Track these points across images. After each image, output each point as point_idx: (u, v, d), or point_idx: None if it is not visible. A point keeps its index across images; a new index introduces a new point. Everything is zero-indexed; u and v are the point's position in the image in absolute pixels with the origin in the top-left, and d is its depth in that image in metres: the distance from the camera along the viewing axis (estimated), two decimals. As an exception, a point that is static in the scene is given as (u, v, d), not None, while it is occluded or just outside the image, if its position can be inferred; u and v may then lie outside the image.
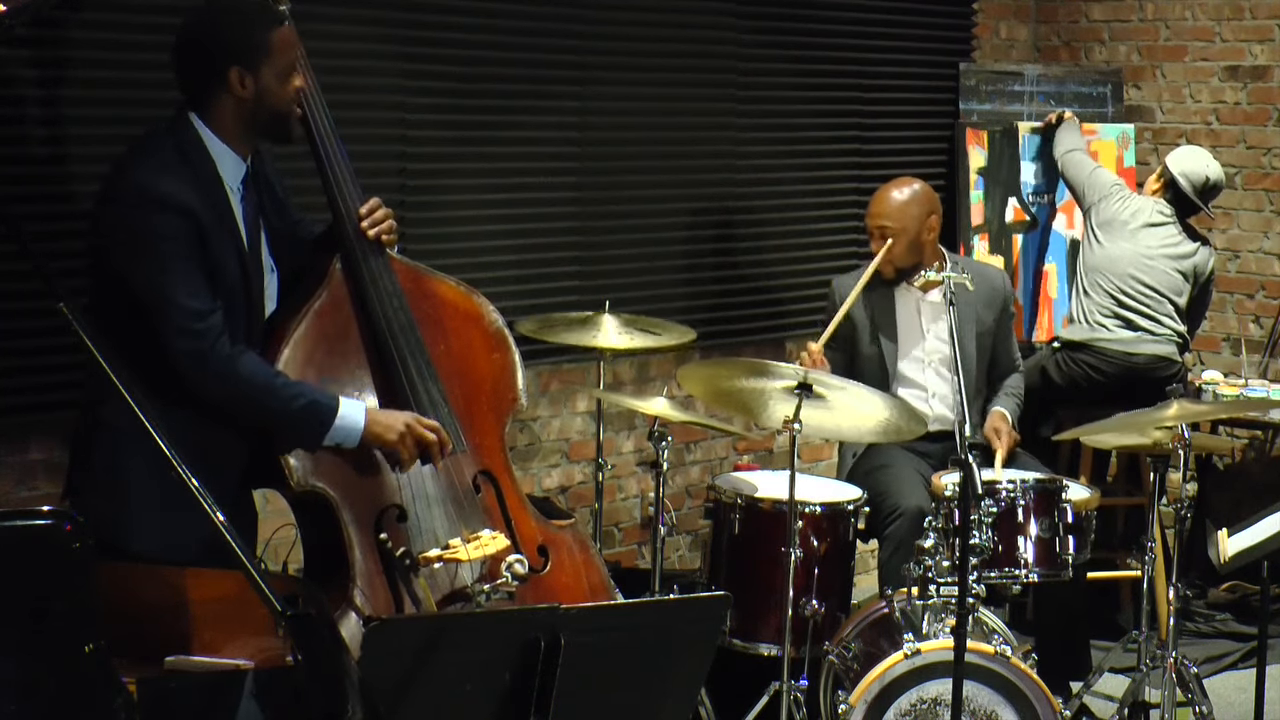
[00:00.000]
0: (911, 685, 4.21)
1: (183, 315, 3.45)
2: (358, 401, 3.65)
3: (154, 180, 3.45)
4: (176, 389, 3.49)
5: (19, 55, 4.21)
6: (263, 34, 3.55)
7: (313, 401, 3.57)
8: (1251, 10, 6.77)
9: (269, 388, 3.53)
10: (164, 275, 3.44)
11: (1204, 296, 6.20)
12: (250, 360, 3.54)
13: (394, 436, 3.63)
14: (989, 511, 4.37)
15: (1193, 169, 6.12)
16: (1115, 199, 6.15)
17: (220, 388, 3.50)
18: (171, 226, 3.44)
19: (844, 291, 5.21)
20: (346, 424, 3.59)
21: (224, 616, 2.97)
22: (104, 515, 3.43)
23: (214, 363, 3.47)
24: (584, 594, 3.90)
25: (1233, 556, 4.37)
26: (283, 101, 3.60)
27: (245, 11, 3.59)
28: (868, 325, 5.23)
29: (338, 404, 3.59)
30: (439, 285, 3.92)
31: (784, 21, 6.13)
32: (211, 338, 3.47)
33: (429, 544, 3.66)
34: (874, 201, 5.26)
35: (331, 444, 3.59)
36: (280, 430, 3.59)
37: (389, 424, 3.63)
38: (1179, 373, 6.04)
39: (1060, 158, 6.45)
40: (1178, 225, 6.11)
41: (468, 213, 5.26)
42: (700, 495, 5.78)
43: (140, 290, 3.47)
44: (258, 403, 3.53)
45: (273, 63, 3.56)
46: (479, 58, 5.27)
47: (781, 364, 4.47)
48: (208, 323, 3.47)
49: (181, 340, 3.46)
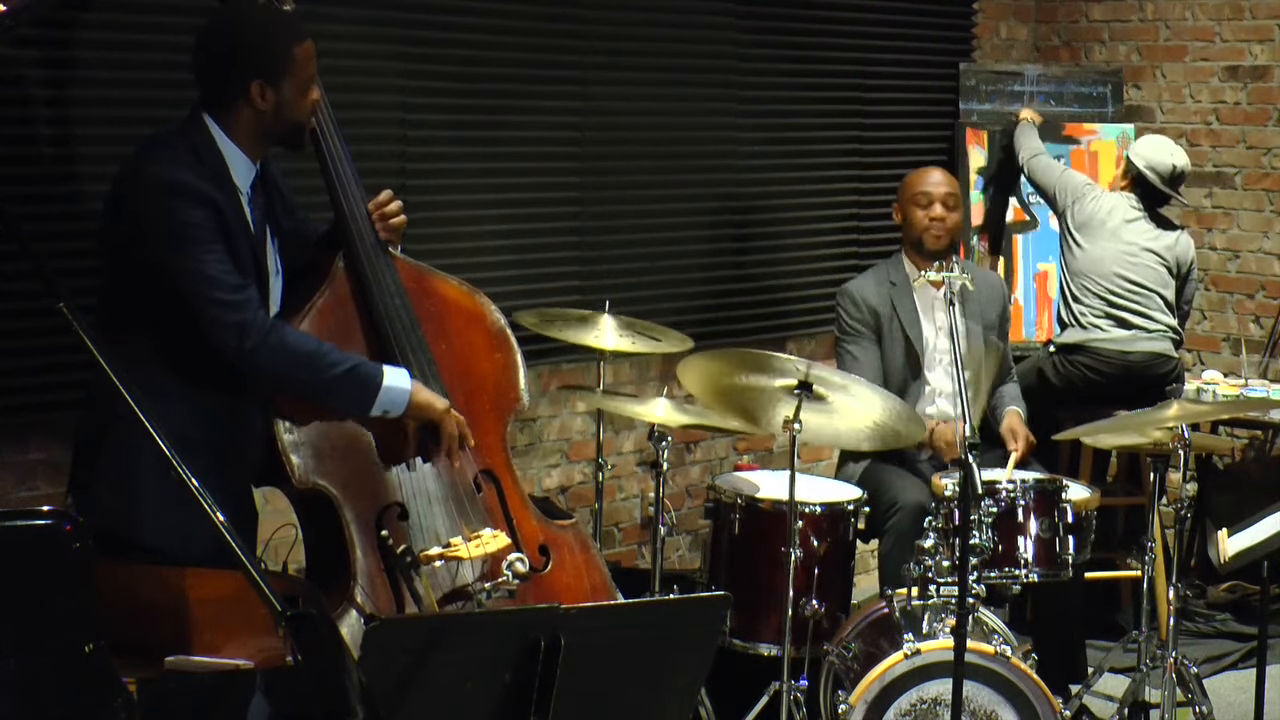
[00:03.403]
0: (911, 685, 4.21)
1: (221, 288, 3.46)
2: (401, 370, 3.66)
3: (173, 171, 3.47)
4: (204, 378, 3.51)
5: (20, 55, 4.21)
6: (286, 49, 3.56)
7: (358, 365, 3.59)
8: (1251, 10, 6.77)
9: (315, 353, 3.55)
10: (196, 255, 3.45)
11: (1185, 287, 6.15)
12: (290, 329, 3.57)
13: (442, 406, 3.67)
14: (989, 511, 4.37)
15: (1158, 159, 6.07)
16: (1089, 199, 6.11)
17: (266, 357, 3.50)
18: (197, 213, 3.46)
19: (864, 294, 5.21)
20: (394, 387, 3.61)
21: (224, 616, 2.97)
22: (114, 510, 3.45)
23: (257, 332, 3.48)
24: (585, 594, 3.90)
25: (1233, 556, 4.37)
26: (300, 114, 3.61)
27: (271, 26, 3.60)
28: (893, 320, 5.22)
29: (382, 370, 3.61)
30: (442, 284, 3.92)
31: (784, 21, 6.13)
32: (250, 309, 3.49)
33: (430, 542, 3.67)
34: (922, 175, 5.29)
35: (379, 411, 3.61)
36: (327, 399, 3.60)
37: (434, 398, 3.68)
38: (1176, 369, 6.04)
39: (1025, 163, 6.38)
40: (1147, 218, 6.09)
41: (468, 212, 5.26)
42: (700, 495, 5.78)
43: (175, 274, 3.47)
44: (303, 370, 3.54)
45: (293, 77, 3.57)
46: (479, 57, 5.27)
47: (781, 356, 4.45)
48: (245, 294, 3.49)
49: (224, 313, 3.47)
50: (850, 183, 6.42)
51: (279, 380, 3.57)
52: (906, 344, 5.21)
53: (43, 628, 2.49)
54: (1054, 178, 6.25)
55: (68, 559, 2.51)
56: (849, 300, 5.26)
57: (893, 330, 5.23)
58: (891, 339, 5.23)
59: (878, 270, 5.33)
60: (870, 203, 6.37)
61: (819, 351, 6.26)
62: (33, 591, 2.49)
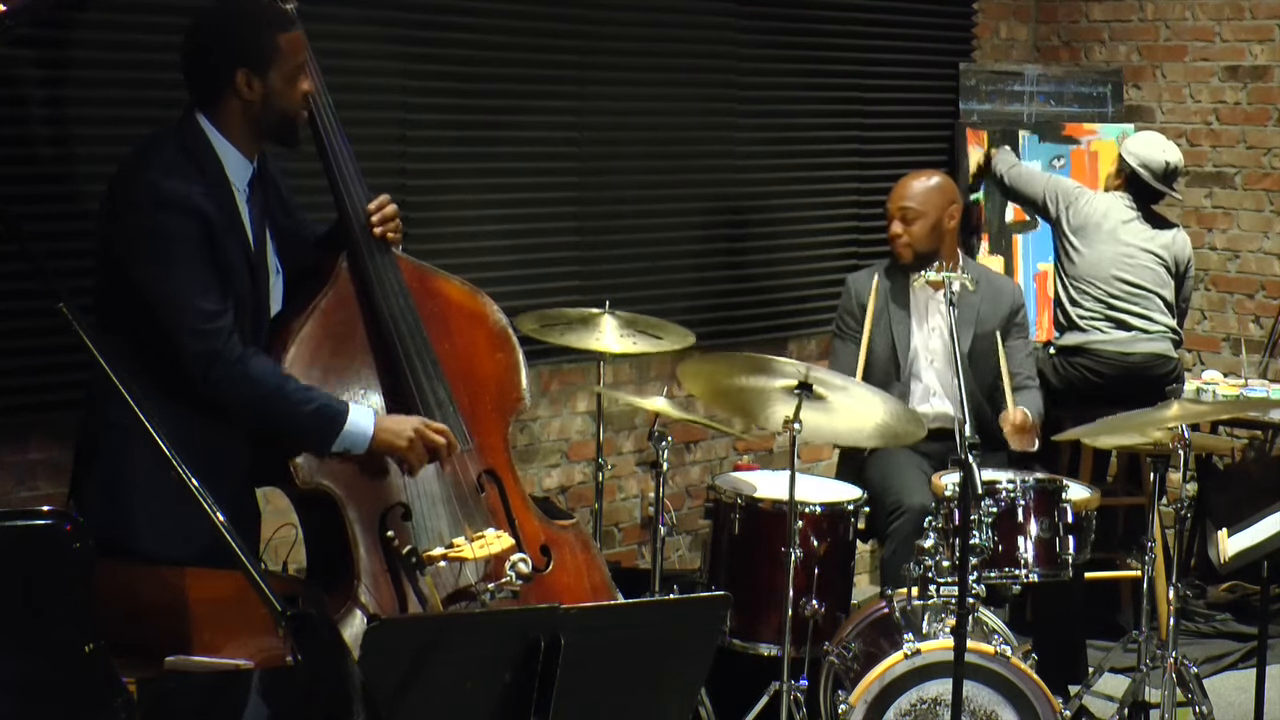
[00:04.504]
0: (911, 685, 4.21)
1: (193, 316, 3.45)
2: (367, 409, 3.64)
3: (163, 181, 3.45)
4: (185, 390, 3.49)
5: (20, 55, 4.21)
6: (271, 37, 3.55)
7: (322, 406, 3.56)
8: (1251, 10, 6.77)
9: (278, 390, 3.52)
10: (174, 276, 3.44)
11: (1183, 285, 6.14)
12: (260, 362, 3.53)
13: (403, 443, 3.62)
14: (989, 511, 4.37)
15: (1150, 156, 6.05)
16: (1082, 201, 6.08)
17: (229, 389, 3.49)
18: (182, 227, 3.44)
19: (859, 289, 5.25)
20: (355, 430, 3.58)
21: (224, 616, 2.97)
22: (108, 514, 3.44)
23: (223, 364, 3.46)
24: (585, 594, 3.90)
25: (1233, 556, 4.37)
26: (290, 105, 3.59)
27: (254, 14, 3.58)
28: (883, 315, 5.23)
29: (348, 409, 3.58)
30: (444, 284, 3.92)
31: (784, 21, 6.13)
32: (221, 339, 3.46)
33: (433, 542, 3.66)
34: (897, 187, 5.32)
35: (339, 450, 3.58)
36: (288, 434, 3.58)
37: (398, 430, 3.62)
38: (1176, 369, 6.03)
39: (1005, 174, 6.34)
40: (1142, 217, 6.08)
41: (468, 212, 5.26)
42: (700, 495, 5.78)
43: (150, 291, 3.46)
44: (266, 405, 3.52)
45: (280, 66, 3.55)
46: (479, 57, 5.27)
47: (782, 359, 4.46)
48: (217, 324, 3.46)
49: (192, 341, 3.45)
50: (850, 183, 6.42)
51: (241, 410, 3.55)
52: (891, 340, 5.22)
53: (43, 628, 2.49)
54: (1039, 186, 6.22)
55: (68, 559, 2.51)
56: (845, 289, 5.37)
57: (880, 325, 5.24)
58: (877, 333, 5.24)
59: (882, 265, 5.35)
60: (870, 203, 6.36)
61: (819, 352, 6.26)
62: (33, 591, 2.49)
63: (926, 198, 5.23)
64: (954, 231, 5.29)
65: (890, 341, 5.23)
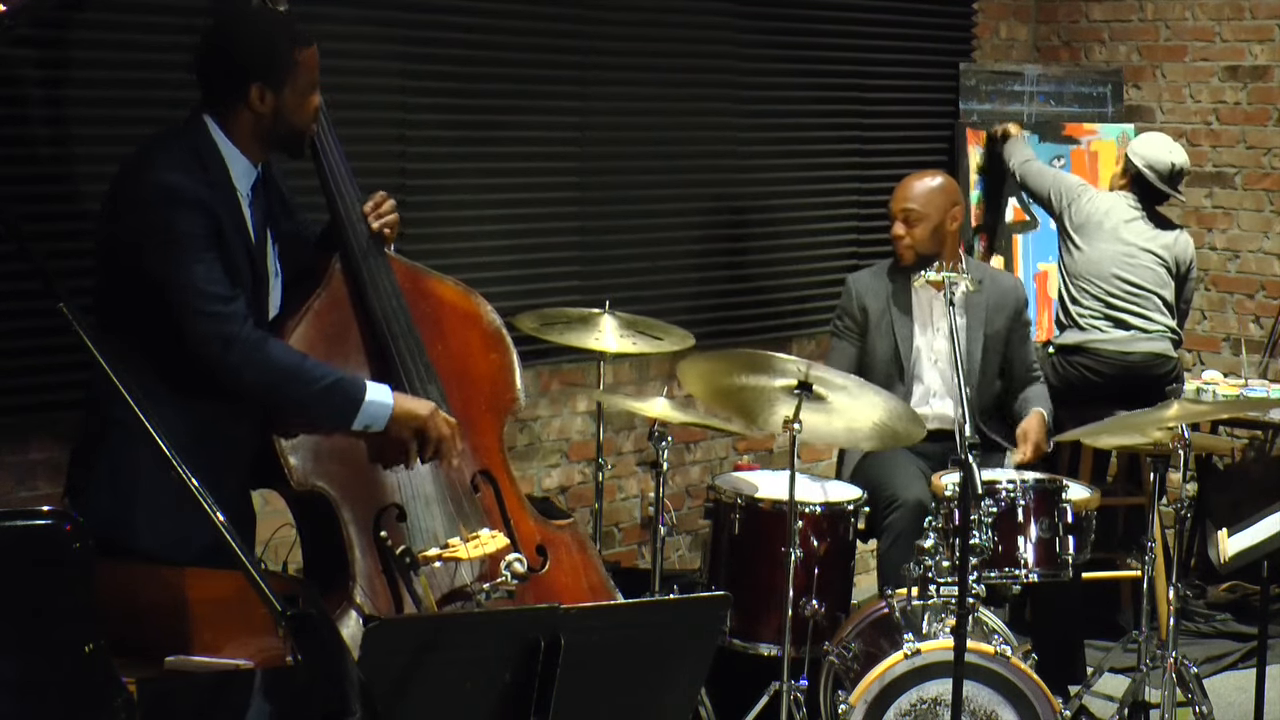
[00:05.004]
0: (911, 685, 4.21)
1: (208, 300, 3.45)
2: (383, 385, 3.65)
3: (171, 177, 3.46)
4: (186, 390, 3.50)
5: (20, 55, 4.21)
6: (289, 54, 3.55)
7: (340, 380, 3.58)
8: (1251, 10, 6.77)
9: (297, 368, 3.54)
10: (187, 264, 3.44)
11: (1184, 286, 6.14)
12: (276, 343, 3.55)
13: (425, 412, 3.64)
14: (989, 511, 4.37)
15: (1157, 158, 6.06)
16: (1085, 199, 6.10)
17: (249, 372, 3.50)
18: (192, 221, 3.45)
19: (860, 289, 5.25)
20: (376, 403, 3.59)
21: (224, 616, 2.97)
22: (109, 514, 3.44)
23: (241, 346, 3.47)
24: (583, 594, 3.90)
25: (1233, 556, 4.37)
26: (300, 120, 3.60)
27: (274, 30, 3.59)
28: (885, 316, 5.24)
29: (365, 383, 3.60)
30: (437, 285, 3.92)
31: (784, 21, 6.13)
32: (238, 322, 3.48)
33: (428, 543, 3.67)
34: (899, 188, 5.32)
35: (361, 426, 3.60)
36: (308, 414, 3.59)
37: (418, 403, 3.65)
38: (1175, 369, 6.03)
39: (1017, 168, 6.36)
40: (1145, 217, 6.08)
41: (468, 211, 5.26)
42: (700, 495, 5.78)
43: (164, 282, 3.46)
44: (286, 385, 3.53)
45: (295, 82, 3.56)
46: (479, 57, 5.27)
47: (781, 356, 4.46)
48: (232, 307, 3.48)
49: (208, 325, 3.46)
50: (850, 183, 6.42)
51: (261, 393, 3.56)
52: (894, 342, 5.22)
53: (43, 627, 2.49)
54: (1047, 181, 6.25)
55: (68, 559, 2.51)
56: (846, 290, 5.35)
57: (882, 326, 5.24)
58: (879, 335, 5.24)
59: (885, 265, 5.35)
60: (870, 203, 6.37)
61: (820, 353, 6.25)
62: (33, 591, 2.49)
63: (929, 199, 5.24)
64: (956, 233, 5.30)
65: (893, 343, 5.23)
